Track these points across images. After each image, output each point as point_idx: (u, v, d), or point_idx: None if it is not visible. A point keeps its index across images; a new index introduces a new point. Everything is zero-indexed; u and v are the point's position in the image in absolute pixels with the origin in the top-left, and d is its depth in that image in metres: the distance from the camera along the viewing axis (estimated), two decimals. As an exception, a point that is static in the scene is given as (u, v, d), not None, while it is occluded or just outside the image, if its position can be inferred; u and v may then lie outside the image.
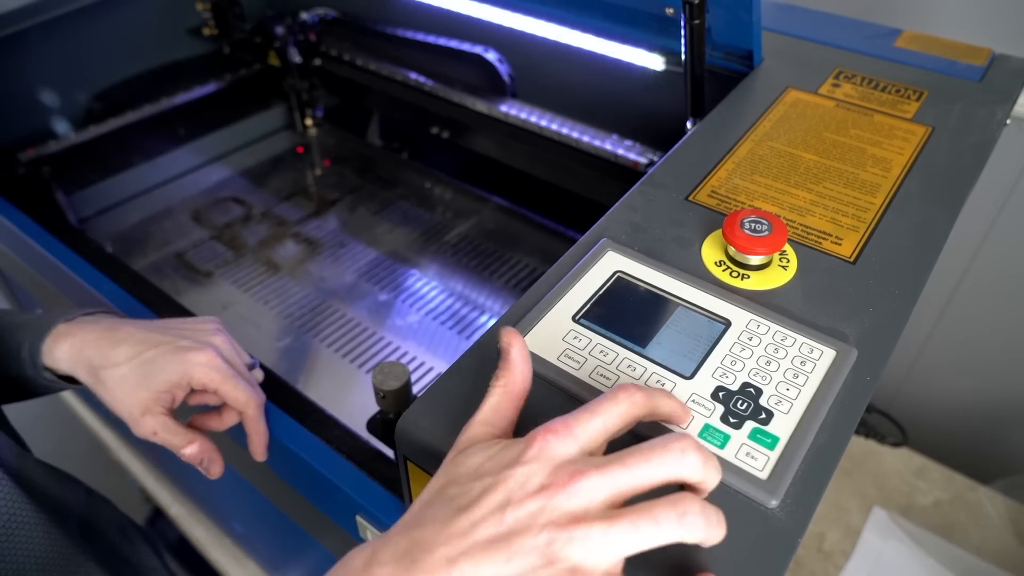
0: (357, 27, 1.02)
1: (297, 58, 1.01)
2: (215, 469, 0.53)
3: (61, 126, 1.00)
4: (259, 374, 0.58)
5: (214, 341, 0.53)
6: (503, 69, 0.85)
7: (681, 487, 0.31)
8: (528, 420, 0.37)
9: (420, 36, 0.93)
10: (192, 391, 0.53)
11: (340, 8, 1.09)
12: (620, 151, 0.78)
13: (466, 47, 0.88)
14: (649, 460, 0.29)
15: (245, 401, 0.52)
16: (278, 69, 1.08)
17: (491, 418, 0.34)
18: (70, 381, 0.54)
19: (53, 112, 0.98)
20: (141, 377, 0.49)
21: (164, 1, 1.05)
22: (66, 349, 0.51)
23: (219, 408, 0.55)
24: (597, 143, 0.79)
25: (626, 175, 0.78)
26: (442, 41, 0.90)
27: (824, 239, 0.48)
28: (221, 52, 1.12)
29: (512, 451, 0.30)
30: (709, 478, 0.30)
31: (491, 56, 0.86)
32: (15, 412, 0.56)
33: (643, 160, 0.76)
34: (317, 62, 1.03)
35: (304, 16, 1.00)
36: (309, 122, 1.07)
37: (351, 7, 1.07)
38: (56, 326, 0.51)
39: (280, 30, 1.00)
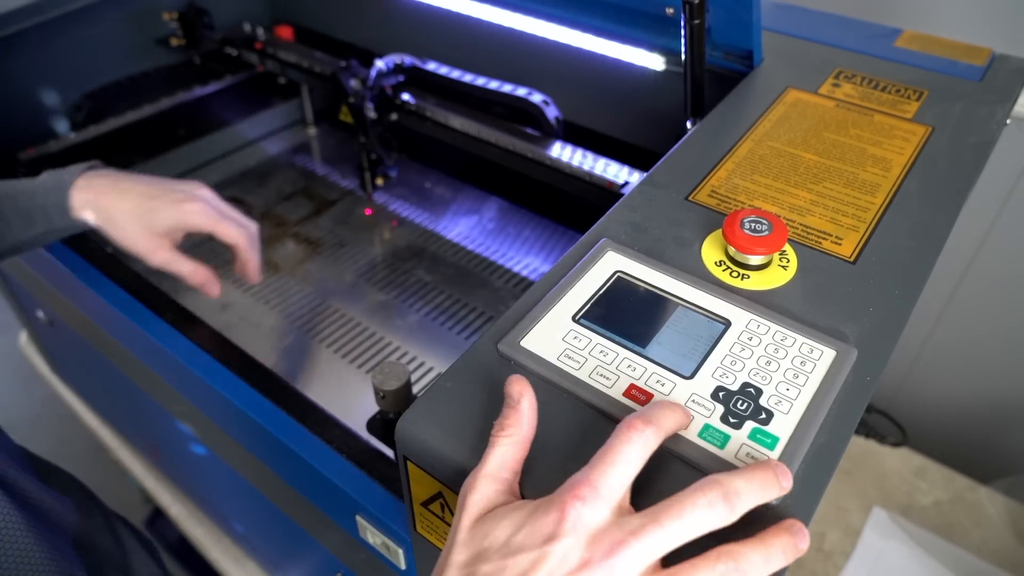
0: (423, 73, 0.91)
1: (372, 114, 0.90)
2: (214, 289, 0.68)
3: (61, 126, 1.00)
4: (255, 225, 0.69)
5: (202, 194, 0.65)
6: (550, 112, 0.81)
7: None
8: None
9: (477, 80, 0.86)
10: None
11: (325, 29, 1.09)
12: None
13: (518, 92, 0.83)
14: (683, 517, 0.29)
15: (236, 235, 0.65)
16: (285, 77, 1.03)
17: (498, 472, 0.33)
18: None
19: (53, 112, 0.99)
20: (147, 221, 0.63)
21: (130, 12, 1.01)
22: (83, 199, 0.62)
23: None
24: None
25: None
26: (494, 85, 0.85)
27: (824, 239, 0.48)
28: (191, 63, 1.08)
29: (544, 523, 0.30)
30: (738, 513, 0.30)
31: (537, 99, 0.82)
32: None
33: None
34: (394, 117, 0.92)
35: (379, 65, 0.89)
36: (380, 181, 0.98)
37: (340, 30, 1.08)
38: (75, 181, 0.62)
39: (354, 84, 0.90)
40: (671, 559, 0.30)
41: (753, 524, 0.31)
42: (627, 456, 0.31)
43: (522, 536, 0.30)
